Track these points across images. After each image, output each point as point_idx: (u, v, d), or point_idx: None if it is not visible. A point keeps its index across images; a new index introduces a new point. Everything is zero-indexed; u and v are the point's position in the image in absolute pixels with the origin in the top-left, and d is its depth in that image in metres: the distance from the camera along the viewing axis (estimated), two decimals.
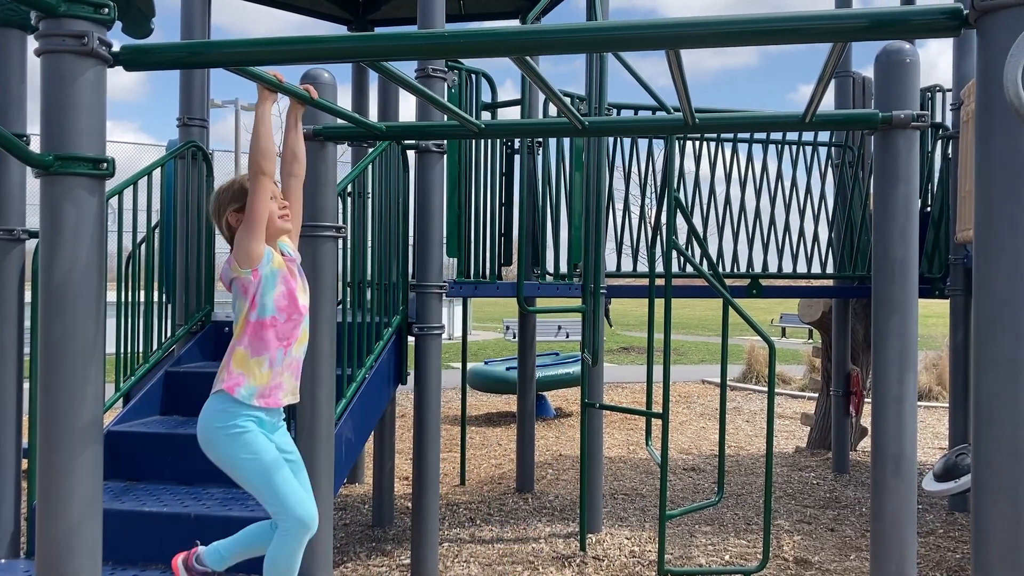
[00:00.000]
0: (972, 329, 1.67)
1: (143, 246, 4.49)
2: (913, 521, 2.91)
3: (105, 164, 1.96)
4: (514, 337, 13.38)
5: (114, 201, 4.30)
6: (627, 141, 6.24)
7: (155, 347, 4.52)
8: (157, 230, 4.66)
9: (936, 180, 6.26)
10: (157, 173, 4.45)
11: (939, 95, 6.60)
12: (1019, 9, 1.53)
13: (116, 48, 2.01)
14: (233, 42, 2.15)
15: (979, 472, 1.65)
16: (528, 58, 2.23)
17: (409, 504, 4.94)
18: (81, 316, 1.93)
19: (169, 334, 4.67)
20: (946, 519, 5.79)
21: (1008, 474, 1.59)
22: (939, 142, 6.32)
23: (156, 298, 4.56)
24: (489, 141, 5.24)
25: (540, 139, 5.67)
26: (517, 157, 5.78)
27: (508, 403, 10.87)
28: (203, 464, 3.88)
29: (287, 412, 2.92)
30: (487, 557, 4.91)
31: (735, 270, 6.46)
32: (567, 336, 13.97)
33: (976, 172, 1.63)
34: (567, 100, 2.75)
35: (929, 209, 6.28)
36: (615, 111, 5.87)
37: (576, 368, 10.41)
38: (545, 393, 10.60)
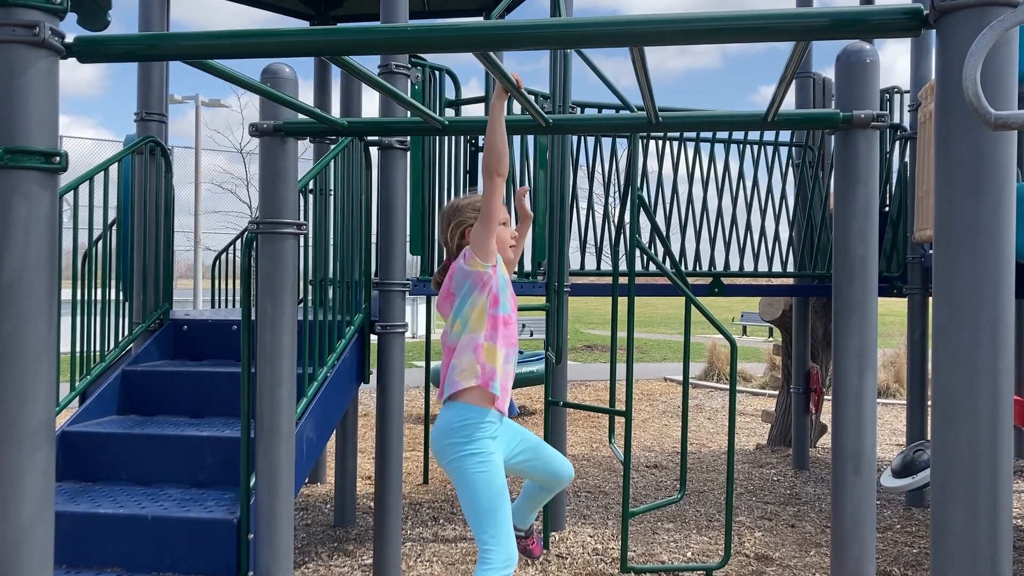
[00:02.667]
0: (931, 327, 1.69)
1: (100, 243, 4.41)
2: (872, 517, 2.95)
3: (58, 158, 1.91)
4: None
5: (70, 197, 4.22)
6: (591, 140, 6.25)
7: (112, 346, 4.44)
8: (114, 227, 4.58)
9: (894, 180, 6.36)
10: (114, 169, 4.37)
11: (897, 96, 6.70)
12: (978, 9, 1.55)
13: (70, 39, 1.96)
14: (192, 34, 2.09)
15: (938, 468, 1.67)
16: (492, 55, 2.21)
17: (371, 504, 4.90)
18: (31, 314, 1.89)
19: (126, 332, 4.59)
20: (903, 514, 5.87)
21: (967, 470, 1.61)
22: (897, 143, 6.42)
23: (113, 296, 4.48)
24: (453, 138, 5.21)
25: None
26: (481, 155, 5.75)
27: None
28: (161, 465, 3.85)
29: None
30: (450, 556, 4.89)
31: (697, 269, 6.51)
32: (531, 334, 13.96)
33: (936, 171, 1.65)
34: (531, 98, 2.74)
35: (888, 209, 6.37)
36: (579, 109, 5.87)
37: (540, 366, 10.41)
38: None
